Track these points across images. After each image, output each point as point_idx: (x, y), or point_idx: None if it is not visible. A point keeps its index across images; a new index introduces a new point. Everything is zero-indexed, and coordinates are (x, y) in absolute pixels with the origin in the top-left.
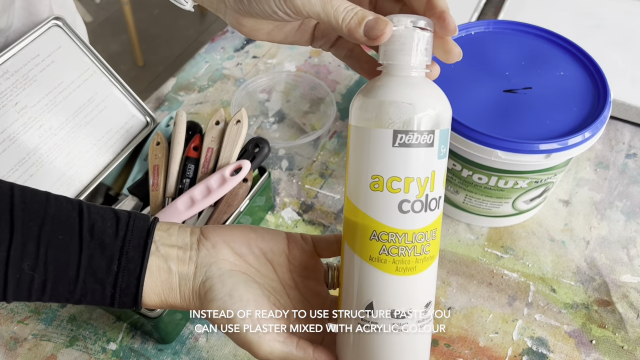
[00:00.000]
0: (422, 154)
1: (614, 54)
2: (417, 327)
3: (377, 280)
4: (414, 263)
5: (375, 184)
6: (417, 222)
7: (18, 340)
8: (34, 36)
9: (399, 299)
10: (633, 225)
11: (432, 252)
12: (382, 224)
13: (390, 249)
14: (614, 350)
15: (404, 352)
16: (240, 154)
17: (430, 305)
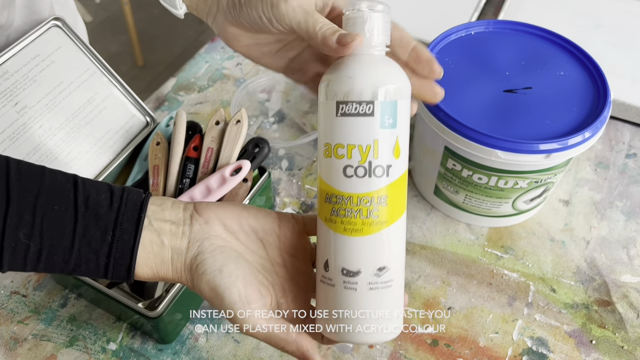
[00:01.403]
0: (362, 123)
1: (614, 54)
2: (367, 287)
3: (330, 240)
4: (360, 225)
5: (326, 150)
6: (361, 187)
7: (18, 341)
8: (33, 36)
9: (347, 258)
10: (633, 225)
11: (383, 218)
12: (331, 187)
13: (338, 210)
14: (614, 350)
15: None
16: (240, 154)
17: (386, 271)
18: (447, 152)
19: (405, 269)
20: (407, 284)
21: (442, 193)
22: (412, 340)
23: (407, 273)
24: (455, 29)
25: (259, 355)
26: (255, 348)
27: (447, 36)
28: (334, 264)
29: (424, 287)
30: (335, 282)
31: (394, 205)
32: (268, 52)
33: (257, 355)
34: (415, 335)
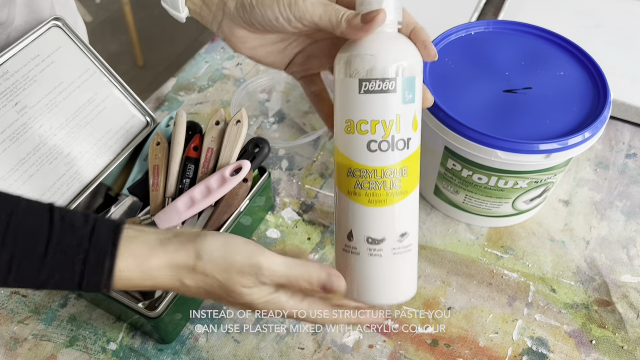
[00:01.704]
0: (385, 99)
1: (614, 54)
2: (391, 253)
3: (354, 211)
4: (385, 196)
5: (348, 127)
6: (385, 160)
7: (18, 341)
8: (33, 36)
9: (372, 227)
10: (633, 225)
11: (404, 188)
12: (354, 161)
13: (362, 184)
14: (613, 350)
15: (379, 275)
16: (240, 154)
17: (407, 236)
18: (447, 152)
19: None
20: None
21: (442, 193)
22: (412, 340)
23: None
24: (455, 29)
25: (259, 355)
26: (255, 348)
27: (447, 36)
28: (358, 233)
29: (424, 287)
30: (360, 251)
31: (413, 175)
32: (274, 51)
33: (257, 355)
34: (415, 335)
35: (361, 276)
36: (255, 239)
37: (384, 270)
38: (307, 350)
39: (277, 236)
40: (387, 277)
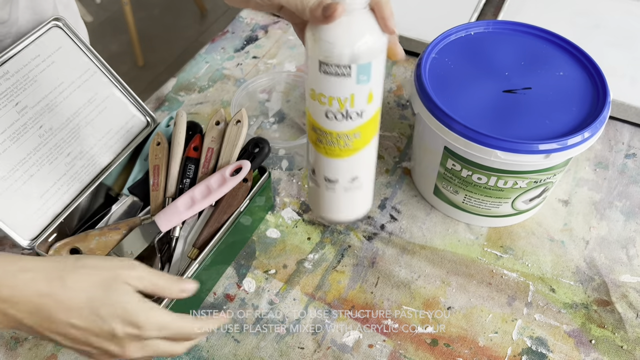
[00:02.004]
0: (340, 81)
1: (614, 54)
2: (343, 190)
3: (316, 156)
4: (338, 152)
5: (312, 94)
6: (339, 127)
7: (18, 340)
8: (34, 37)
9: (328, 171)
10: (632, 225)
11: (356, 146)
12: (316, 122)
13: (321, 139)
14: (613, 350)
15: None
16: (240, 154)
17: (357, 179)
18: (446, 152)
19: (405, 269)
20: (407, 284)
21: (442, 193)
22: (411, 340)
23: (407, 273)
24: (455, 30)
25: (259, 355)
26: (255, 347)
27: (447, 36)
28: (318, 172)
29: (424, 287)
30: (320, 184)
31: (366, 136)
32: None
33: (257, 355)
34: (415, 335)
35: (321, 201)
36: (255, 238)
37: (337, 200)
38: (307, 350)
39: (277, 236)
40: (341, 205)
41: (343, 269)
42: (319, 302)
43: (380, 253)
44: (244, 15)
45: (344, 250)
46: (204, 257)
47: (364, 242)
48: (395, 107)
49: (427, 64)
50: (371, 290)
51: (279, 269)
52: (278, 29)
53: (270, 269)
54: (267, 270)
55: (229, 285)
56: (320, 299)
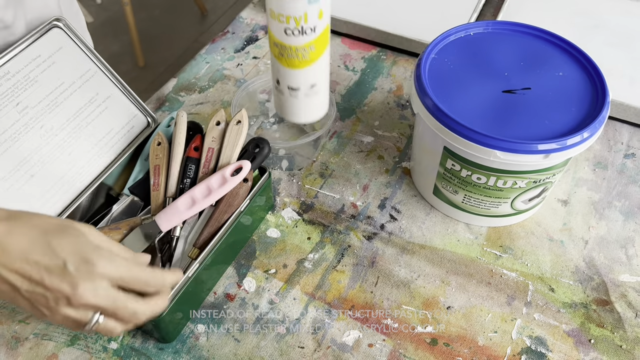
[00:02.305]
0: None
1: (613, 54)
2: (304, 96)
3: (279, 69)
4: (298, 63)
5: (272, 14)
6: (297, 41)
7: (19, 340)
8: (34, 37)
9: (290, 80)
10: (631, 225)
11: (311, 58)
12: (277, 39)
13: (283, 53)
14: (612, 349)
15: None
16: (241, 154)
17: (315, 86)
18: (446, 152)
19: (405, 269)
20: (407, 284)
21: (442, 193)
22: (411, 339)
23: (407, 273)
24: (455, 30)
25: (259, 354)
26: (255, 347)
27: (446, 37)
28: (282, 82)
29: (424, 287)
30: (284, 93)
31: (319, 49)
32: None
33: (258, 354)
34: (415, 335)
35: (286, 107)
36: (255, 238)
37: (300, 105)
38: (307, 349)
39: (277, 236)
40: (302, 108)
41: (343, 269)
42: (319, 301)
43: (380, 253)
44: (244, 15)
45: (344, 250)
46: (204, 256)
47: (363, 242)
48: (395, 107)
49: (426, 64)
50: (371, 289)
51: (279, 268)
52: None
53: (270, 269)
54: (268, 269)
55: (229, 285)
56: (320, 299)
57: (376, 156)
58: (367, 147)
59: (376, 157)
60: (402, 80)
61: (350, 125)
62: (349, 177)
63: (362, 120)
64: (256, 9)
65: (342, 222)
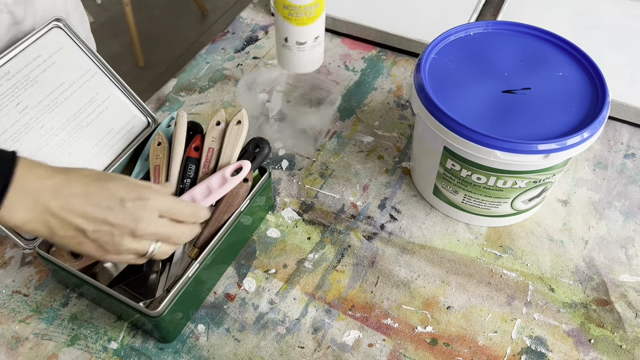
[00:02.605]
0: None
1: (613, 55)
2: (310, 48)
3: (288, 27)
4: (306, 20)
5: None
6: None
7: (19, 340)
8: (35, 37)
9: (299, 36)
10: (631, 225)
11: (316, 14)
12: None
13: (292, 13)
14: (612, 349)
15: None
16: (241, 154)
17: (318, 37)
18: (446, 152)
19: (405, 269)
20: (407, 284)
21: (442, 193)
22: (411, 339)
23: (407, 272)
24: (455, 30)
25: (259, 354)
26: (255, 347)
27: (446, 37)
28: (291, 39)
29: (424, 287)
30: (292, 49)
31: (322, 5)
32: None
33: (258, 354)
34: (415, 335)
35: (294, 61)
36: (255, 238)
37: (306, 57)
38: (307, 349)
39: (278, 236)
40: (308, 60)
41: (343, 269)
42: (319, 301)
43: (380, 253)
44: (244, 15)
45: (344, 250)
46: (204, 256)
47: (363, 242)
48: (395, 107)
49: (426, 64)
50: (371, 289)
51: (279, 268)
52: None
53: (270, 269)
54: (268, 269)
55: (229, 285)
56: (320, 299)
57: (376, 156)
58: (367, 147)
59: (376, 157)
60: (402, 80)
61: (350, 125)
62: (349, 177)
63: (362, 120)
64: (256, 9)
65: (342, 222)
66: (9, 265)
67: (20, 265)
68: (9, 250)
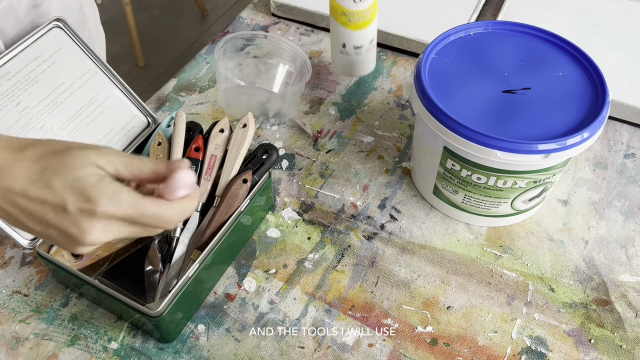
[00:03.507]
0: None
1: (613, 55)
2: (366, 51)
3: (346, 33)
4: (363, 23)
5: None
6: (362, 6)
7: (19, 340)
8: (35, 37)
9: (356, 40)
10: (631, 225)
11: (372, 17)
12: (346, 8)
13: (351, 19)
14: (612, 349)
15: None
16: (249, 160)
17: (373, 40)
18: (446, 152)
19: (405, 269)
20: (407, 284)
21: (441, 193)
22: (411, 339)
23: (407, 272)
24: (455, 30)
25: (259, 354)
26: (255, 347)
27: (446, 37)
28: (348, 44)
29: (424, 287)
30: (350, 54)
31: (375, 7)
32: None
33: (258, 354)
34: (415, 335)
35: (351, 65)
36: (255, 238)
37: (362, 60)
38: (307, 349)
39: (278, 236)
40: (364, 63)
41: (343, 269)
42: (319, 301)
43: (380, 253)
44: (245, 15)
45: (344, 250)
46: (204, 256)
47: (363, 242)
48: (395, 107)
49: (426, 64)
50: (371, 289)
51: (279, 268)
52: (278, 30)
53: (270, 269)
54: (268, 269)
55: (229, 285)
56: (320, 299)
57: (376, 156)
58: (367, 147)
59: (376, 157)
60: (402, 80)
61: (350, 125)
62: (349, 177)
63: (362, 120)
64: (256, 9)
65: (342, 222)
66: (9, 265)
67: (20, 265)
68: (9, 250)
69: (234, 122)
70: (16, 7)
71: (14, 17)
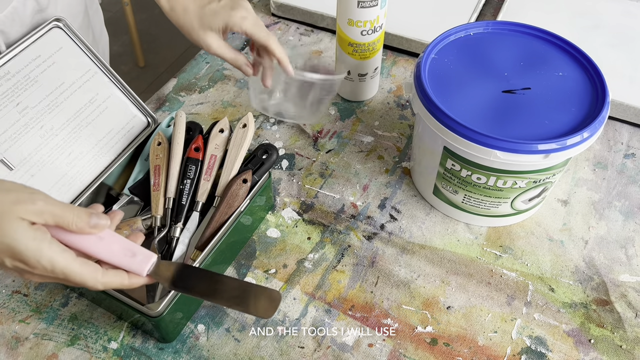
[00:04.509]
0: (372, 9)
1: (613, 55)
2: (370, 79)
3: (351, 62)
4: (369, 54)
5: (349, 22)
6: (370, 38)
7: (19, 340)
8: (35, 37)
9: (362, 69)
10: (631, 225)
11: (378, 48)
12: (354, 40)
13: (357, 50)
14: (612, 349)
15: (364, 90)
16: (249, 160)
17: (377, 68)
18: (446, 152)
19: (405, 269)
20: (407, 284)
21: (442, 193)
22: (411, 339)
23: (407, 272)
24: (455, 30)
25: (259, 354)
26: (255, 347)
27: (446, 37)
28: (354, 72)
29: (424, 287)
30: (354, 80)
31: (381, 39)
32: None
33: (258, 354)
34: (415, 335)
35: (357, 91)
36: (255, 238)
37: (366, 87)
38: (307, 349)
39: (277, 235)
40: (367, 90)
41: (343, 269)
42: (319, 301)
43: (380, 253)
44: None
45: (344, 250)
46: (204, 256)
47: (363, 242)
48: (395, 107)
49: (426, 64)
50: (371, 289)
51: (279, 268)
52: (278, 30)
53: (270, 269)
54: (268, 269)
55: None
56: (320, 299)
57: (376, 156)
58: (367, 147)
59: (376, 157)
60: (402, 80)
61: (350, 125)
62: (349, 177)
63: (362, 120)
64: (256, 9)
65: (342, 222)
66: None
67: None
68: None
69: (233, 122)
70: (21, 12)
71: (20, 22)
